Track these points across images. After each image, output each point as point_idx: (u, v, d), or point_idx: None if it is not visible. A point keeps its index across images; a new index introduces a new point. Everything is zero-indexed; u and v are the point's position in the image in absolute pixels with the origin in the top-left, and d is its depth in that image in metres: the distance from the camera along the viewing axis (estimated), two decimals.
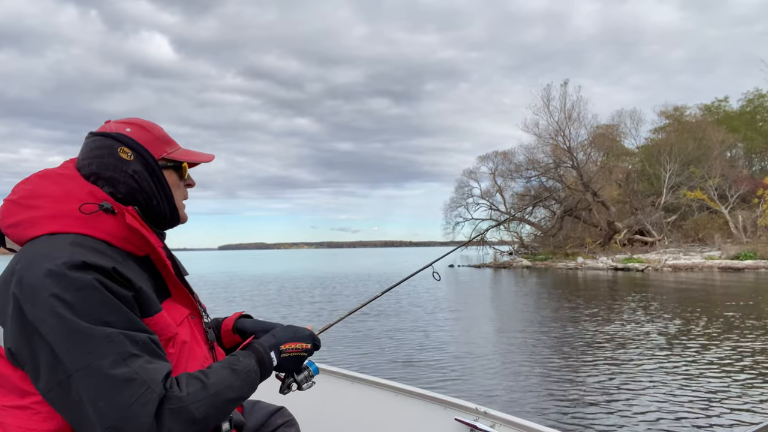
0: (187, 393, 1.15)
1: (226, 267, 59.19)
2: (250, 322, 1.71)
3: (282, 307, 16.54)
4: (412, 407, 2.39)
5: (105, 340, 1.08)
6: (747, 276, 26.25)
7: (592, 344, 9.76)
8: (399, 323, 12.89)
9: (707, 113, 52.14)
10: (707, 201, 40.40)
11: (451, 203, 51.91)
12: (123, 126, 1.39)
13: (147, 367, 1.11)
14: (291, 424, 1.80)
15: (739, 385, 6.79)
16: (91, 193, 1.28)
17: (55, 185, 1.28)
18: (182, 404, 1.12)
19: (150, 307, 1.24)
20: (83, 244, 1.19)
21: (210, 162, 1.54)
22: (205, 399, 1.17)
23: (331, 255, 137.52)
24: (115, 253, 1.24)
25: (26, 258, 1.17)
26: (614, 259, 35.20)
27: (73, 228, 1.22)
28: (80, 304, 1.09)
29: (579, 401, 6.32)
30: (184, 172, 1.47)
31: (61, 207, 1.24)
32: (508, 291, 21.31)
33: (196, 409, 1.14)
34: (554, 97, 43.77)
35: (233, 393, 1.25)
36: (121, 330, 1.11)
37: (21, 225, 1.25)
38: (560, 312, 14.44)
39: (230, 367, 1.29)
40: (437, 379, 7.55)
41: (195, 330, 1.41)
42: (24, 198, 1.27)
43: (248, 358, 1.35)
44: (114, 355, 1.08)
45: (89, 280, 1.12)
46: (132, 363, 1.09)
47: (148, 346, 1.15)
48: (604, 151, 48.30)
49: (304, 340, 1.52)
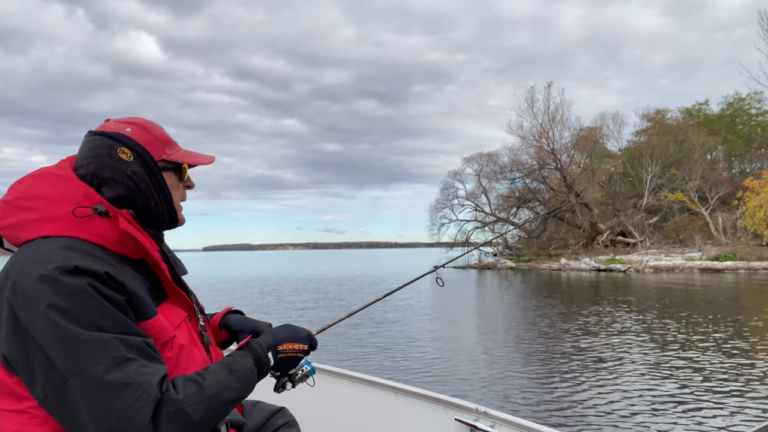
0: (184, 395, 1.14)
1: (209, 269, 58.68)
2: (236, 319, 1.70)
3: (266, 311, 16.46)
4: (412, 407, 2.39)
5: (99, 345, 1.07)
6: (726, 277, 26.68)
7: (589, 345, 9.84)
8: (391, 324, 12.89)
9: (688, 116, 52.91)
10: (688, 203, 40.99)
11: (436, 204, 52.04)
12: (123, 125, 1.37)
13: (142, 371, 1.10)
14: (291, 425, 1.80)
15: (738, 385, 6.89)
16: (86, 195, 1.26)
17: (49, 186, 1.26)
18: (179, 407, 1.11)
19: (145, 310, 1.22)
20: (76, 248, 1.17)
21: (210, 164, 1.52)
22: (202, 401, 1.16)
23: (315, 257, 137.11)
24: (109, 256, 1.22)
25: (19, 262, 1.15)
26: (597, 260, 35.57)
27: (66, 231, 1.20)
28: (73, 309, 1.08)
29: (579, 401, 6.37)
30: (184, 173, 1.45)
31: (54, 209, 1.22)
32: (495, 292, 21.40)
33: (193, 412, 1.13)
34: (538, 99, 44.14)
35: (231, 394, 1.24)
36: (115, 335, 1.10)
37: (15, 227, 1.23)
38: (552, 312, 14.56)
39: (228, 367, 1.27)
40: (437, 379, 7.57)
41: (193, 332, 1.40)
42: (18, 199, 1.25)
43: (245, 358, 1.34)
44: (108, 360, 1.07)
45: (82, 285, 1.10)
46: (126, 367, 1.08)
47: (143, 350, 1.13)
48: (587, 154, 48.76)
49: (301, 341, 1.52)
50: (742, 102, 50.25)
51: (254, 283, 30.96)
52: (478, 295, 19.17)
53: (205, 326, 1.51)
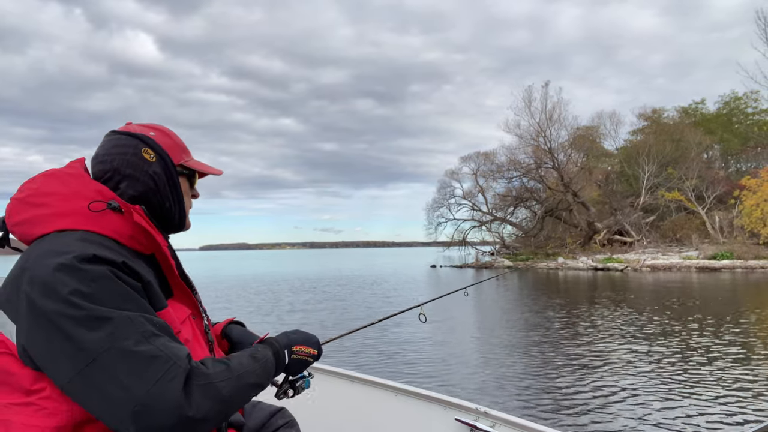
0: (214, 371, 1.16)
1: (205, 269, 58.60)
2: (238, 331, 1.74)
3: (262, 315, 16.43)
4: (412, 407, 2.38)
5: (126, 321, 1.09)
6: (724, 276, 26.72)
7: (589, 344, 9.85)
8: (389, 324, 12.86)
9: (684, 115, 53.00)
10: (685, 202, 41.06)
11: (433, 204, 52.13)
12: (147, 129, 1.44)
13: (170, 344, 1.12)
14: (292, 425, 1.82)
15: (738, 385, 6.90)
16: (99, 191, 1.30)
17: (62, 184, 1.29)
18: (210, 380, 1.13)
19: (158, 301, 1.25)
20: (92, 240, 1.21)
21: (218, 175, 1.61)
22: (231, 379, 1.18)
23: (313, 256, 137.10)
24: (123, 249, 1.26)
25: (36, 255, 1.17)
26: (594, 259, 35.60)
27: (81, 225, 1.24)
28: (97, 293, 1.10)
29: (578, 401, 6.37)
30: (194, 181, 1.54)
31: (69, 205, 1.26)
32: (493, 291, 21.40)
33: (223, 387, 1.15)
34: (535, 98, 44.22)
35: (255, 378, 1.27)
36: (140, 313, 1.13)
37: (28, 223, 1.25)
38: (551, 312, 14.56)
39: (251, 355, 1.31)
40: (437, 379, 7.57)
41: (197, 330, 1.43)
42: (31, 196, 1.27)
43: (266, 350, 1.38)
44: (137, 335, 1.08)
45: (103, 271, 1.13)
46: (155, 341, 1.10)
47: (167, 329, 1.17)
48: (584, 153, 48.82)
49: (313, 345, 1.56)
50: (739, 101, 50.35)
51: (251, 284, 30.92)
52: (476, 295, 19.18)
53: (208, 325, 1.53)
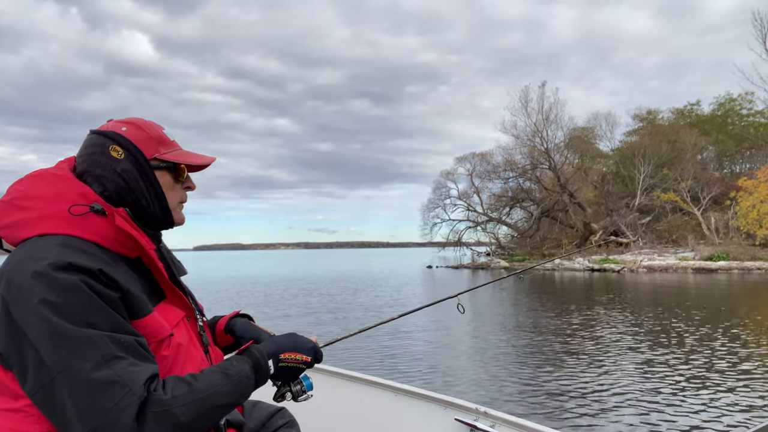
0: (172, 396, 1.13)
1: (199, 270, 58.46)
2: (241, 324, 1.69)
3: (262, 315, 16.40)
4: (412, 407, 2.38)
5: (88, 341, 1.08)
6: (720, 277, 26.80)
7: (588, 345, 9.86)
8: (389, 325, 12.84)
9: (680, 117, 53.20)
10: (680, 203, 41.18)
11: (428, 204, 52.25)
12: (120, 125, 1.39)
13: (130, 369, 1.09)
14: (291, 425, 1.80)
15: (738, 385, 6.91)
16: (83, 194, 1.27)
17: (47, 186, 1.27)
18: (166, 407, 1.10)
19: (139, 309, 1.22)
20: (71, 245, 1.18)
21: (208, 165, 1.51)
22: (192, 403, 1.14)
23: (307, 257, 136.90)
24: (104, 254, 1.23)
25: (15, 260, 1.16)
26: (590, 260, 35.64)
27: (62, 229, 1.22)
28: (65, 305, 1.08)
29: (578, 401, 6.37)
30: (181, 173, 1.44)
31: (51, 208, 1.24)
32: (490, 292, 21.41)
33: (182, 413, 1.12)
34: (532, 99, 44.24)
35: (223, 399, 1.22)
36: (105, 332, 1.10)
37: (13, 226, 1.24)
38: (549, 312, 14.57)
39: (223, 371, 1.26)
40: (436, 379, 7.57)
41: (191, 332, 1.40)
42: (17, 199, 1.26)
43: (243, 363, 1.32)
44: (97, 358, 1.07)
45: (74, 281, 1.11)
46: (115, 365, 1.08)
47: (133, 348, 1.13)
48: (579, 153, 48.92)
49: (305, 352, 1.48)
50: (733, 102, 50.57)
51: (245, 284, 30.86)
52: (474, 295, 19.16)
53: (203, 327, 1.50)
